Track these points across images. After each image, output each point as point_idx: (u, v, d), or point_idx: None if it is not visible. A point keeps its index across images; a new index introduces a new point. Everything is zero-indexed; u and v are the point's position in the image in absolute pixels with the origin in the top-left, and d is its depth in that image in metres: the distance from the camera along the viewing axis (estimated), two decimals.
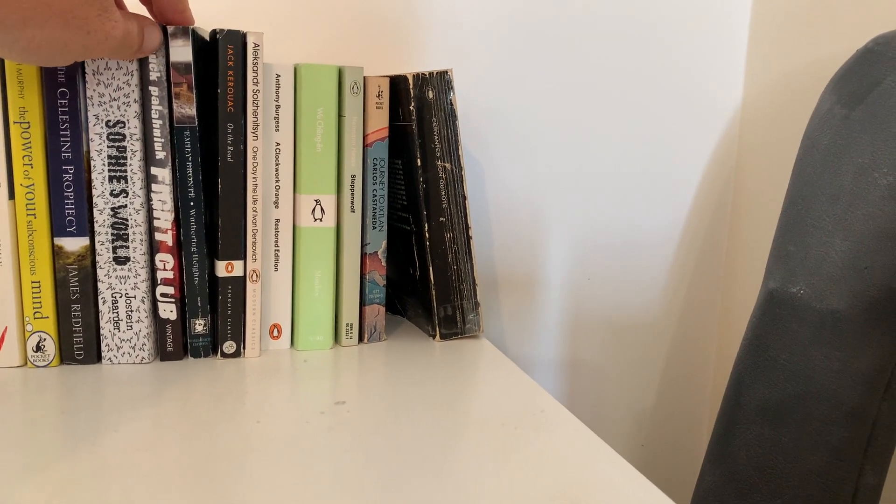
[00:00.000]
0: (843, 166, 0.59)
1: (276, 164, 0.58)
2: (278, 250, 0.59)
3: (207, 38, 0.58)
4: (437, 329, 0.63)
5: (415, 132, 0.60)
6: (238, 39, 0.55)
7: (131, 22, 0.49)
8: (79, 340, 0.55)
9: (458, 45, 0.78)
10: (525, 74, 0.81)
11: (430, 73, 0.60)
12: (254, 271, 0.58)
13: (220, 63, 0.55)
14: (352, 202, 0.60)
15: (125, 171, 0.54)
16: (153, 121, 0.54)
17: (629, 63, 0.84)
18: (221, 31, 0.54)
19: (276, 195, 0.58)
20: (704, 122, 0.87)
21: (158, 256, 0.56)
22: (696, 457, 0.96)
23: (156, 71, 0.53)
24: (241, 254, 0.57)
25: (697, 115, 0.87)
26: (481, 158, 0.81)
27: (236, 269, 0.57)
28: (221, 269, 0.57)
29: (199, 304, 0.57)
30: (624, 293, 0.89)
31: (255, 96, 0.56)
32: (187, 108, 0.55)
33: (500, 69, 0.80)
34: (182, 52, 0.54)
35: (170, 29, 0.53)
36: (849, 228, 0.57)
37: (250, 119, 0.56)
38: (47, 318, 0.54)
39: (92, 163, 0.54)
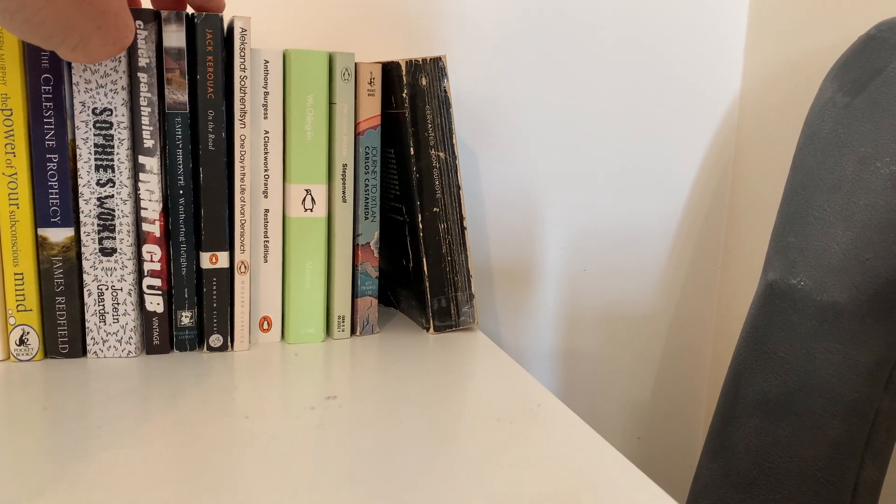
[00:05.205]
0: (844, 155, 0.58)
1: (265, 153, 0.57)
2: (268, 241, 0.58)
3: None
4: (431, 321, 0.62)
5: (408, 120, 0.59)
6: (217, 23, 0.53)
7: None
8: (63, 334, 0.54)
9: (454, 33, 0.77)
10: (521, 63, 0.80)
11: (424, 60, 0.59)
12: (242, 263, 0.57)
13: (198, 48, 0.53)
14: (343, 192, 0.59)
15: (112, 160, 0.53)
16: (142, 108, 0.53)
17: (626, 53, 0.82)
18: (199, 14, 0.53)
19: (265, 185, 0.57)
20: (702, 112, 0.86)
21: (145, 248, 0.55)
22: (692, 450, 0.95)
23: (145, 57, 0.52)
24: (225, 245, 0.56)
25: (695, 106, 0.86)
26: (476, 149, 0.80)
27: (221, 260, 0.56)
28: (206, 260, 0.56)
29: (186, 296, 0.56)
30: (620, 285, 0.88)
31: (242, 82, 0.54)
32: (179, 95, 0.53)
33: (495, 58, 0.79)
34: (175, 37, 0.52)
35: (163, 14, 0.52)
36: (850, 219, 0.56)
37: (237, 106, 0.55)
38: (31, 310, 0.53)
39: (78, 151, 0.52)
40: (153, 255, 0.55)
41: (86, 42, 0.43)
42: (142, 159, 0.53)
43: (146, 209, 0.54)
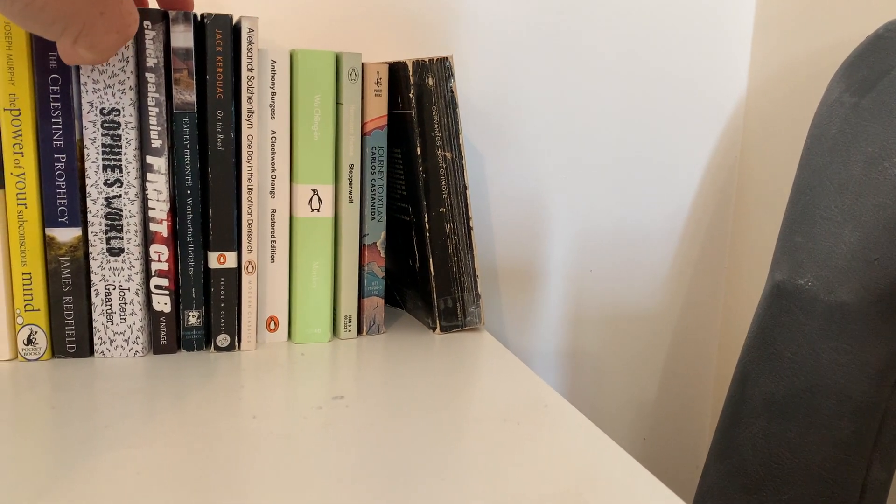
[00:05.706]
0: (852, 156, 0.58)
1: (272, 153, 0.57)
2: (275, 241, 0.58)
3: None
4: (438, 321, 0.62)
5: (414, 120, 0.59)
6: (226, 23, 0.53)
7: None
8: (71, 333, 0.54)
9: (460, 33, 0.77)
10: (527, 64, 0.79)
11: (430, 60, 0.59)
12: (249, 263, 0.57)
13: (207, 49, 0.53)
14: (350, 192, 0.59)
15: (119, 160, 0.53)
16: (149, 108, 0.53)
17: (632, 53, 0.82)
18: (209, 15, 0.53)
19: (272, 185, 0.57)
20: (708, 112, 0.86)
21: (153, 247, 0.55)
22: (698, 451, 0.95)
23: (153, 57, 0.52)
24: (233, 245, 0.56)
25: (701, 106, 0.86)
26: (483, 149, 0.80)
27: (229, 260, 0.56)
28: (213, 260, 0.56)
29: (194, 295, 0.56)
30: (626, 285, 0.88)
31: (249, 83, 0.54)
32: (187, 95, 0.53)
33: (502, 58, 0.79)
34: (183, 37, 0.53)
35: (171, 14, 0.52)
36: (858, 219, 0.56)
37: (244, 106, 0.55)
38: (38, 310, 0.53)
39: (85, 151, 0.52)
40: (161, 254, 0.55)
41: (89, 30, 0.41)
42: (149, 159, 0.54)
43: (154, 209, 0.54)
